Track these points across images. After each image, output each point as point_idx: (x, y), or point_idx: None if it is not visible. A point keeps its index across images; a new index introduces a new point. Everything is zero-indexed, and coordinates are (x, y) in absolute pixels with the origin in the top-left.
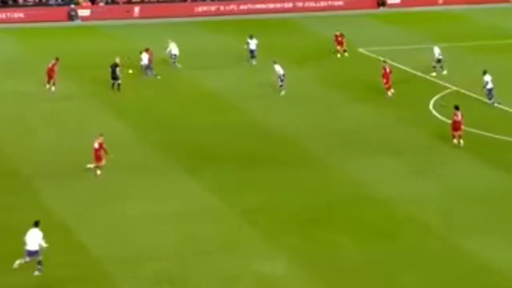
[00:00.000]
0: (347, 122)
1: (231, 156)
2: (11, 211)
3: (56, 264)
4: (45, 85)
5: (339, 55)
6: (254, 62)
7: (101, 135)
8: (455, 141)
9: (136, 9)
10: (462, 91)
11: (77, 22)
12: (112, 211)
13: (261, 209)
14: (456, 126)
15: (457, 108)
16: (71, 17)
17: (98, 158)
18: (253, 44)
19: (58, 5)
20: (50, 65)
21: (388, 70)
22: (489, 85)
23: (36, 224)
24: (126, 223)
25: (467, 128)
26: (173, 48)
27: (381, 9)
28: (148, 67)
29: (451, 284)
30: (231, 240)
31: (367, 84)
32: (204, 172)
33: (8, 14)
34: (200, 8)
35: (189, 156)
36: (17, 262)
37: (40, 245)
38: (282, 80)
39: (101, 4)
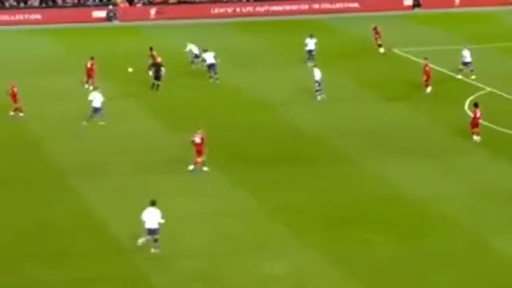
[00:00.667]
0: (379, 121)
1: (264, 155)
2: (50, 208)
3: (92, 261)
4: (83, 85)
5: (381, 50)
6: (310, 63)
7: (200, 128)
8: (474, 137)
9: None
10: (497, 92)
11: (115, 23)
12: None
13: (293, 208)
14: (474, 123)
15: (476, 105)
16: (109, 17)
17: (199, 153)
18: (312, 44)
19: (96, 5)
20: (89, 65)
21: (428, 67)
22: None
23: (153, 203)
24: (163, 222)
25: (500, 129)
26: (194, 48)
27: (416, 10)
28: (212, 66)
29: (482, 281)
30: (263, 239)
31: (401, 84)
32: (237, 171)
33: (47, 14)
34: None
35: (222, 155)
36: (140, 240)
37: (158, 223)
38: (319, 85)
39: (139, 5)
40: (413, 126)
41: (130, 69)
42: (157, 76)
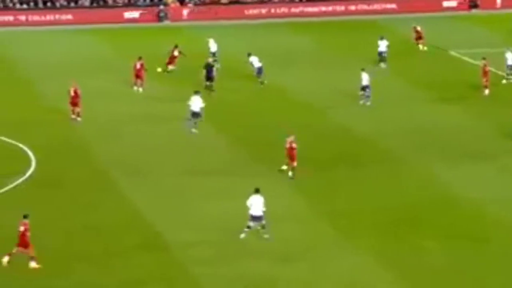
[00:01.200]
0: (432, 122)
1: (315, 157)
2: (98, 209)
3: (139, 264)
4: (132, 86)
5: (421, 47)
6: (383, 65)
7: (292, 135)
8: None
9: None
10: None
11: (166, 23)
12: (197, 211)
13: (345, 211)
14: None
15: None
16: (160, 18)
17: (292, 158)
18: (383, 45)
19: (147, 6)
20: (138, 66)
21: (487, 68)
22: None
23: (257, 191)
24: (211, 224)
25: None
26: (212, 46)
27: (473, 11)
28: (260, 69)
29: None
30: (315, 243)
31: (455, 85)
32: (288, 174)
33: (99, 15)
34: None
35: (272, 157)
36: (242, 235)
37: (262, 211)
38: (365, 89)
39: (190, 5)
40: (466, 128)
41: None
42: (210, 77)
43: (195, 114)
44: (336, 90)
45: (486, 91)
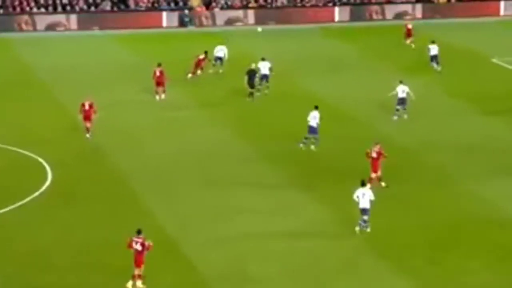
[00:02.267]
0: (475, 136)
1: (348, 169)
2: (115, 223)
3: (163, 283)
4: (154, 95)
5: (409, 43)
6: (437, 67)
7: (378, 143)
8: None
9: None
10: None
11: (190, 28)
12: (221, 227)
13: (383, 229)
14: None
15: None
16: (184, 23)
17: (375, 168)
18: (434, 49)
19: (171, 9)
20: (158, 73)
21: None
22: None
23: (364, 184)
24: (236, 240)
25: None
26: (219, 51)
27: None
28: (265, 77)
29: None
30: (349, 262)
31: (499, 96)
32: (320, 187)
33: (119, 19)
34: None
35: (304, 170)
36: (357, 228)
37: (370, 202)
38: (401, 103)
39: (217, 9)
40: None
41: (210, 71)
42: (252, 84)
43: (312, 130)
44: (378, 99)
45: None
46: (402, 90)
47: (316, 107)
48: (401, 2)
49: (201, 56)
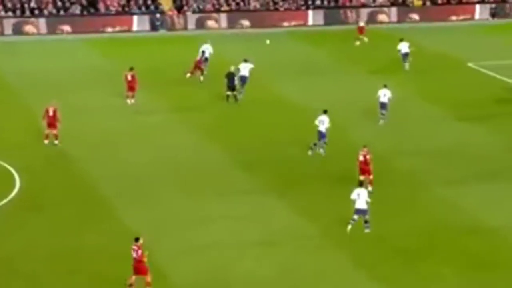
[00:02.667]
0: (450, 141)
1: (323, 175)
2: (84, 230)
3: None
4: (125, 99)
5: (358, 42)
6: (405, 65)
7: (365, 146)
8: None
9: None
10: None
11: (162, 32)
12: (195, 235)
13: (356, 236)
14: None
15: None
16: (155, 26)
17: (363, 172)
18: (405, 47)
19: (142, 13)
20: (128, 77)
21: None
22: None
23: (361, 184)
24: (209, 248)
25: None
26: (207, 50)
27: (496, 19)
28: (243, 79)
29: None
30: (324, 269)
31: (475, 101)
32: (295, 193)
33: (88, 23)
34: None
35: (279, 176)
36: (349, 226)
37: (367, 202)
38: (381, 108)
39: (189, 13)
40: (490, 149)
41: (188, 75)
42: (232, 87)
43: (322, 135)
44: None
45: None
46: (383, 94)
47: (325, 111)
48: (376, 5)
49: (199, 57)
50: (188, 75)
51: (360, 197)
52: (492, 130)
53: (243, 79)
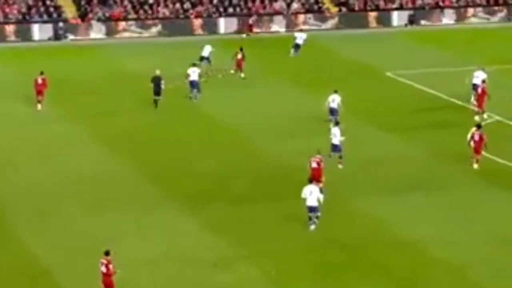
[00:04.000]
0: (371, 152)
1: (233, 189)
2: None
3: None
4: (36, 105)
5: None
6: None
7: (319, 152)
8: (474, 165)
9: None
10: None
11: (66, 41)
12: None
13: (273, 252)
14: (477, 147)
15: (479, 127)
16: (58, 35)
17: (317, 178)
18: (300, 38)
19: (44, 21)
20: (39, 80)
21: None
22: None
23: (311, 181)
24: (118, 268)
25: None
26: (206, 50)
27: (414, 26)
28: (195, 84)
29: None
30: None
31: (395, 110)
32: (204, 210)
33: None
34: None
35: (191, 190)
36: (313, 226)
37: (318, 200)
38: (330, 114)
39: (93, 21)
40: (410, 159)
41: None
42: (158, 91)
43: (335, 147)
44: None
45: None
46: (332, 100)
47: (337, 123)
48: (292, 12)
49: (239, 56)
50: (242, 74)
51: (312, 195)
52: (411, 141)
53: (193, 84)
